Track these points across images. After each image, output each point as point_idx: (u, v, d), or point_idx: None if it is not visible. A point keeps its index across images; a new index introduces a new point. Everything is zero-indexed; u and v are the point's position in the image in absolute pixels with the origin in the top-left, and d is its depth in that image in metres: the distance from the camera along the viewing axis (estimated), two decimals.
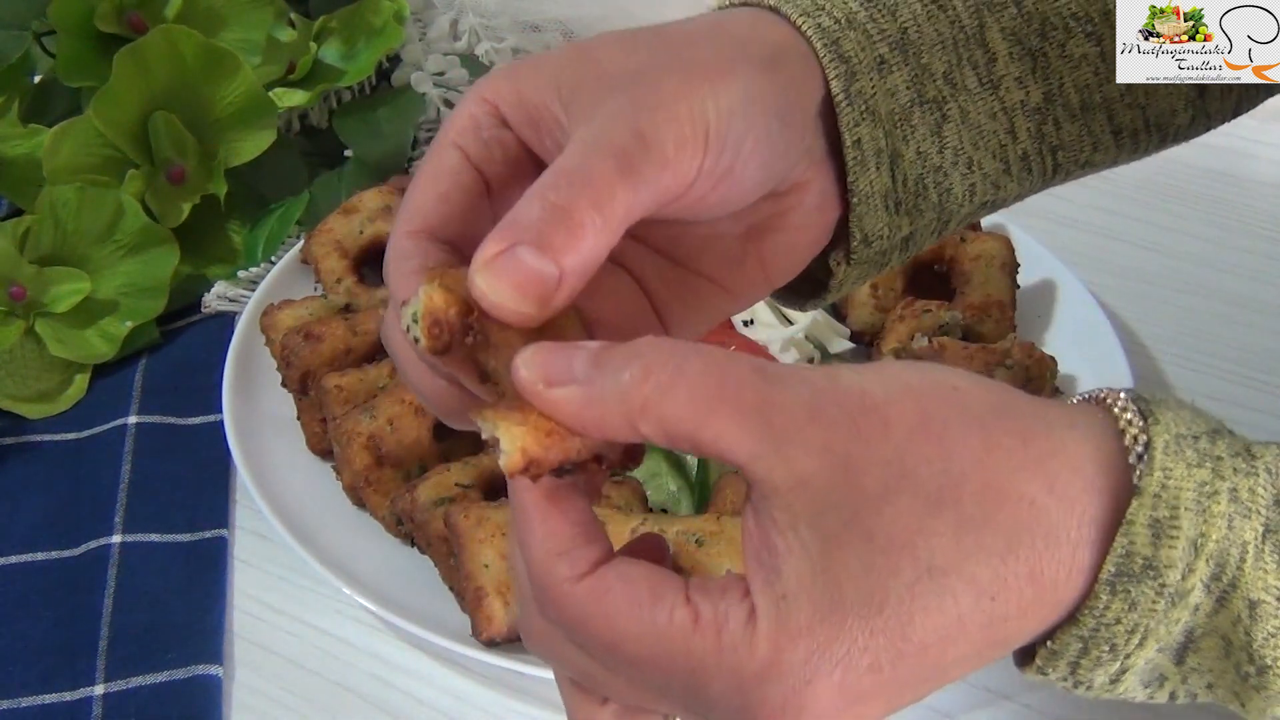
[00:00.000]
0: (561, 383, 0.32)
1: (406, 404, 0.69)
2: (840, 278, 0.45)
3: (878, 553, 0.31)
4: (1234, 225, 0.94)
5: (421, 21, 1.01)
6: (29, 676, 0.64)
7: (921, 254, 0.80)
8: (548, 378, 0.32)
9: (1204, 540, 0.33)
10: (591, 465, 0.32)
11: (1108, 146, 0.47)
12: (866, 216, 0.43)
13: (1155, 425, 0.34)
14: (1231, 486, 0.33)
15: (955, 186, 0.45)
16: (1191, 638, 0.34)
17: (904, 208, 0.44)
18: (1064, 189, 0.98)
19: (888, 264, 0.46)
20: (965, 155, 0.44)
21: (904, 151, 0.43)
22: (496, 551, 0.62)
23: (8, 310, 0.79)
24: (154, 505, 0.72)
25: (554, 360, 0.32)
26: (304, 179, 0.90)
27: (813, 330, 0.81)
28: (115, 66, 0.80)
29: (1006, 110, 0.45)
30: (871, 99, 0.42)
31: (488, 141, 0.38)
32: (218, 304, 0.85)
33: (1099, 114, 0.46)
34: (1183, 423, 0.34)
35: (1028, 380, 0.71)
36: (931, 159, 0.44)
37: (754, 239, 0.42)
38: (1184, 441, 0.34)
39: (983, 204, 0.46)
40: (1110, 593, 0.33)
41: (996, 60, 0.44)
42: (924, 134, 0.43)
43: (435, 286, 0.32)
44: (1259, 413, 0.78)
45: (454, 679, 0.64)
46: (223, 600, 0.68)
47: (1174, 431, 0.34)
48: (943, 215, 0.45)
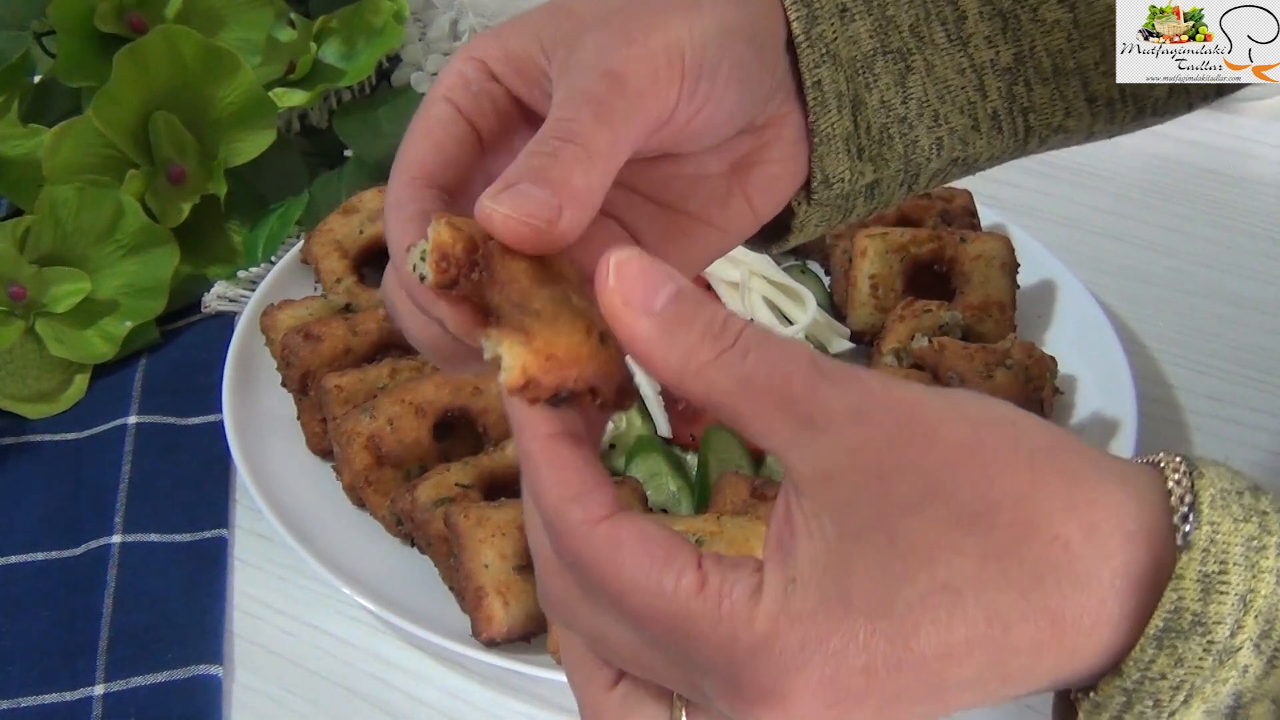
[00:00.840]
0: (639, 308, 0.32)
1: (406, 404, 0.69)
2: (801, 218, 0.46)
3: (896, 557, 0.31)
4: (1234, 225, 0.94)
5: (421, 21, 1.01)
6: (29, 676, 0.64)
7: (921, 254, 0.80)
8: (628, 297, 0.32)
9: (1253, 596, 0.32)
10: (586, 397, 0.33)
11: (1081, 113, 0.47)
12: (827, 157, 0.44)
13: (1200, 479, 0.33)
14: (1279, 541, 0.33)
15: (921, 139, 0.45)
16: (1240, 702, 0.33)
17: (867, 154, 0.45)
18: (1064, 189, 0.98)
19: (852, 210, 0.47)
20: (931, 108, 0.45)
21: (866, 99, 0.44)
22: (496, 551, 0.62)
23: (8, 310, 0.79)
24: (154, 505, 0.72)
25: (641, 282, 0.32)
26: (304, 179, 0.90)
27: (813, 330, 0.81)
28: (115, 66, 0.80)
29: (976, 68, 0.45)
30: (833, 43, 0.43)
31: (477, 95, 0.39)
32: (218, 304, 0.85)
33: (1073, 79, 0.46)
34: (1225, 478, 0.34)
35: (1028, 380, 0.71)
36: (895, 109, 0.45)
37: (738, 175, 0.43)
38: (1229, 496, 0.33)
39: (953, 160, 0.47)
40: (1157, 647, 0.32)
41: (966, 18, 0.45)
42: (887, 83, 0.44)
43: (443, 224, 0.33)
44: (1259, 413, 0.78)
45: (454, 679, 0.64)
46: (223, 600, 0.68)
47: (1219, 486, 0.33)
48: (909, 167, 0.46)
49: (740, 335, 0.32)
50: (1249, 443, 0.76)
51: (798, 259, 0.89)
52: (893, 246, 0.80)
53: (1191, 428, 0.78)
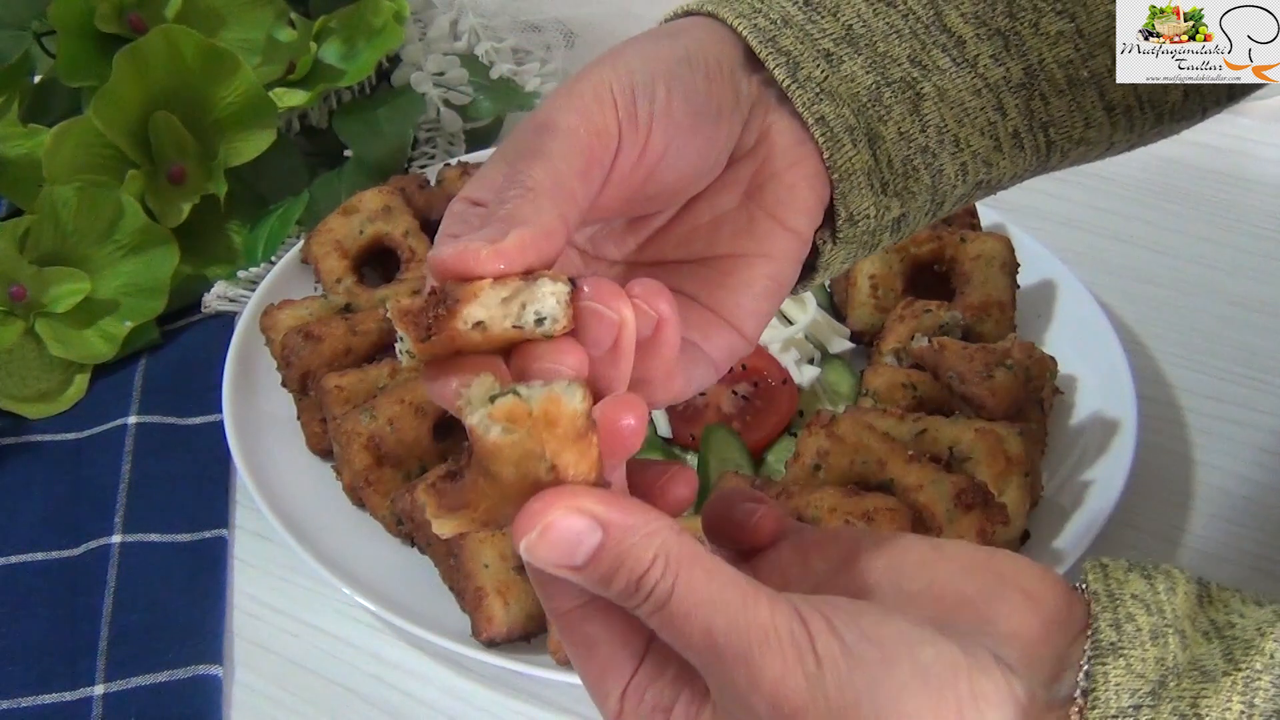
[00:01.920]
0: (565, 569, 0.34)
1: (406, 404, 0.69)
2: (827, 257, 0.45)
3: None
4: (1234, 225, 0.94)
5: (421, 21, 1.01)
6: (29, 676, 0.64)
7: (921, 254, 0.80)
8: (550, 560, 0.34)
9: None
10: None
11: (1101, 123, 0.47)
12: (850, 194, 0.43)
13: (1101, 690, 0.34)
14: None
15: (946, 166, 0.45)
16: None
17: (892, 189, 0.44)
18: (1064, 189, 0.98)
19: (878, 244, 0.46)
20: (951, 133, 0.44)
21: (883, 132, 0.43)
22: (496, 551, 0.62)
23: (8, 310, 0.79)
24: (154, 505, 0.72)
25: (561, 545, 0.33)
26: (304, 179, 0.90)
27: (813, 330, 0.81)
28: (115, 66, 0.80)
29: (991, 87, 0.45)
30: (824, 82, 0.43)
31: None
32: (218, 304, 0.85)
33: (1088, 89, 0.46)
34: (1134, 678, 0.34)
35: (1028, 380, 0.71)
36: (916, 139, 0.44)
37: (754, 199, 0.43)
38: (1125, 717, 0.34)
39: (977, 184, 0.47)
40: None
41: (965, 42, 0.45)
42: (901, 113, 0.44)
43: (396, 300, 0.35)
44: (1259, 413, 0.78)
45: (454, 679, 0.64)
46: (223, 600, 0.68)
47: (1116, 705, 0.34)
48: (936, 196, 0.45)
49: (652, 592, 0.34)
50: (1249, 443, 0.76)
51: None
52: (893, 246, 0.80)
53: (1191, 428, 0.77)
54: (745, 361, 0.75)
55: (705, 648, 0.33)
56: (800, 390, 0.77)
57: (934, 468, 0.65)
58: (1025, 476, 0.66)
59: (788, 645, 0.33)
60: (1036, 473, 0.69)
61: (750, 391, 0.76)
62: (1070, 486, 0.70)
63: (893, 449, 0.66)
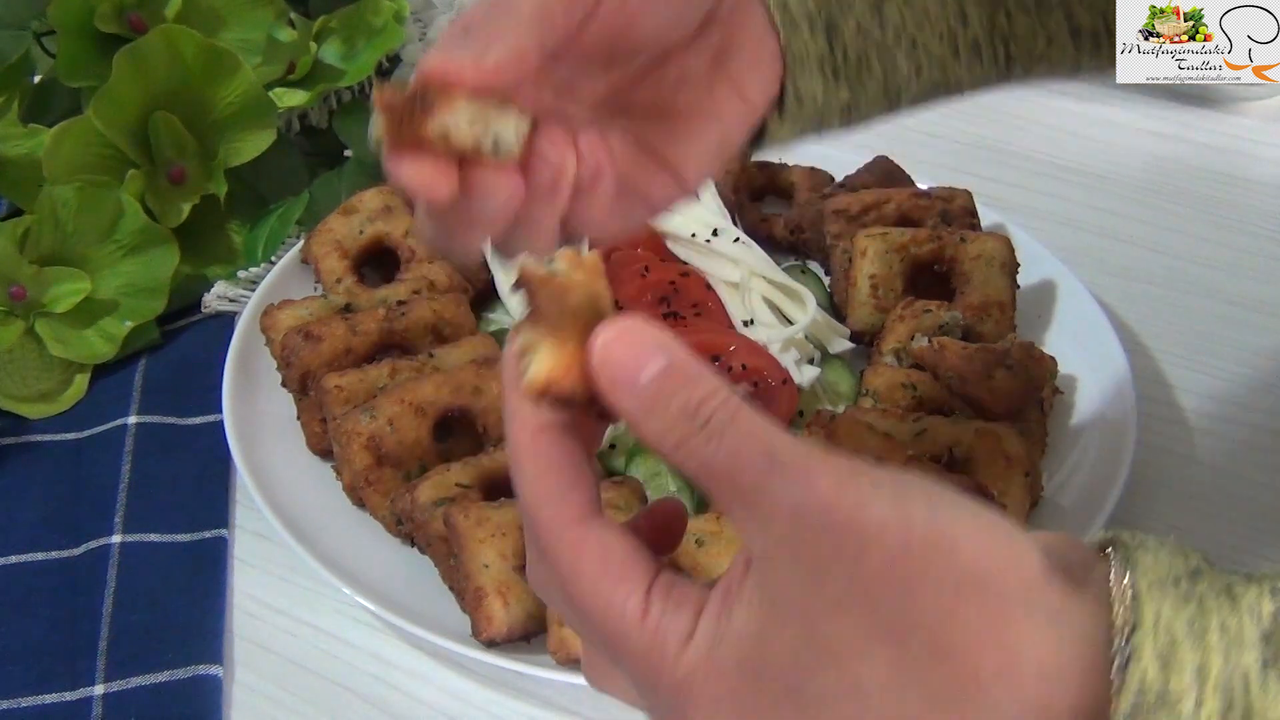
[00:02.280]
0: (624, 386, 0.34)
1: (406, 404, 0.69)
2: (773, 129, 0.48)
3: (809, 650, 0.32)
4: (1234, 225, 0.94)
5: (421, 21, 1.01)
6: (29, 676, 0.64)
7: (921, 254, 0.80)
8: (614, 377, 0.34)
9: (1207, 668, 0.32)
10: (589, 406, 0.35)
11: (1064, 44, 0.49)
12: (801, 77, 0.46)
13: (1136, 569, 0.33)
14: (1220, 621, 0.32)
15: (901, 65, 0.48)
16: None
17: (843, 75, 0.47)
18: (1064, 189, 0.98)
19: (826, 128, 0.49)
20: (909, 35, 0.47)
21: (841, 25, 0.46)
22: (496, 551, 0.62)
23: (8, 310, 0.79)
24: (154, 505, 0.72)
25: (626, 362, 0.34)
26: (304, 179, 0.90)
27: (813, 330, 0.81)
28: (115, 66, 0.80)
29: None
30: None
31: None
32: (218, 304, 0.85)
33: (1056, 11, 0.48)
34: (1163, 566, 0.33)
35: (1028, 380, 0.71)
36: (874, 35, 0.47)
37: (719, 65, 0.46)
38: (1166, 585, 0.33)
39: (932, 85, 0.49)
40: None
41: None
42: (863, 10, 0.47)
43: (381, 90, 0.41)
44: (1259, 412, 0.78)
45: (454, 679, 0.64)
46: (223, 600, 0.68)
47: (1156, 575, 0.33)
48: (889, 92, 0.48)
49: (710, 419, 0.33)
50: (1249, 443, 0.76)
51: (798, 259, 0.89)
52: (893, 246, 0.80)
53: (1191, 428, 0.77)
54: (745, 361, 0.75)
55: (766, 468, 0.33)
56: (800, 390, 0.77)
57: (934, 468, 0.65)
58: (1025, 476, 0.66)
59: (854, 464, 0.33)
60: (1036, 473, 0.69)
61: (750, 391, 0.76)
62: (1070, 486, 0.70)
63: (892, 449, 0.66)
